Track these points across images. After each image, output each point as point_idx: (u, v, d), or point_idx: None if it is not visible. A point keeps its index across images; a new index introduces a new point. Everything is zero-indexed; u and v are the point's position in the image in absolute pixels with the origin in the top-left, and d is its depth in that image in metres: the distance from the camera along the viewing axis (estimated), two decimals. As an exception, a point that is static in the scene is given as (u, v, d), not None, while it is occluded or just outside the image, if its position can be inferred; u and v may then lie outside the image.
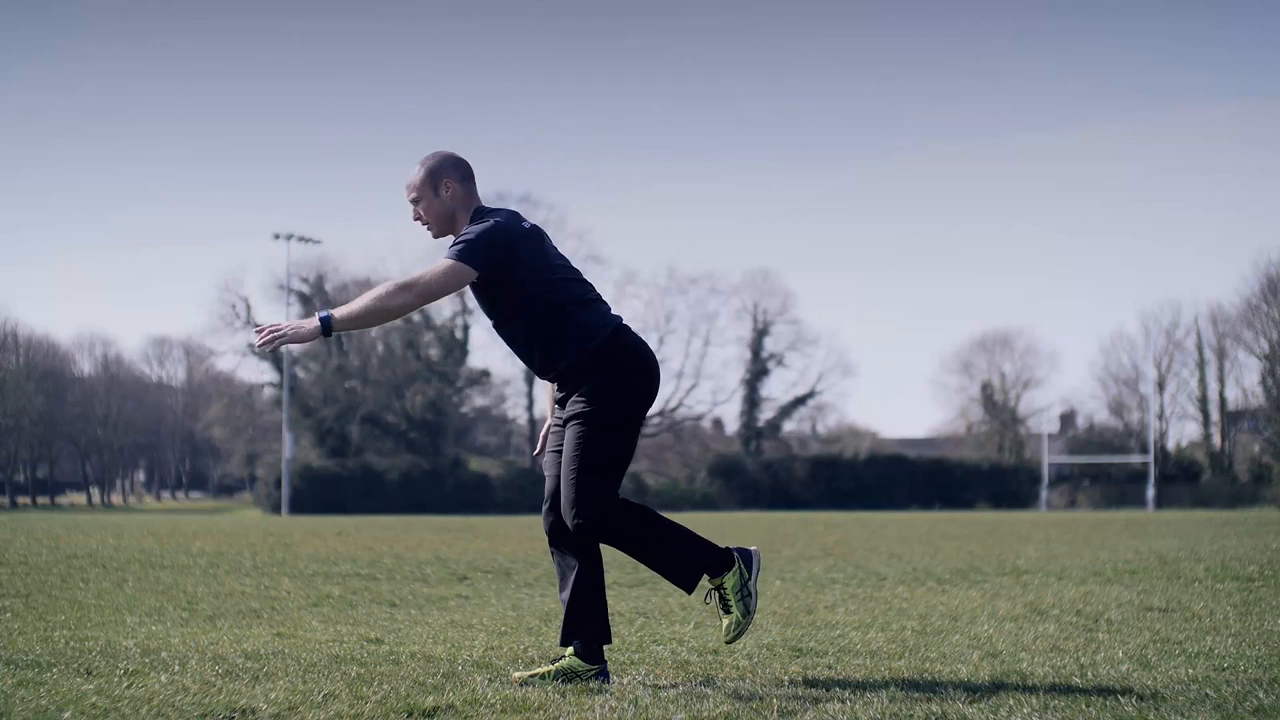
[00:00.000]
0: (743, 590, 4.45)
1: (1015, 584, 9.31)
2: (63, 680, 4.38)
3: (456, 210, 4.53)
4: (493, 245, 4.35)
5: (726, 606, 4.47)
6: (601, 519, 4.38)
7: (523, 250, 4.41)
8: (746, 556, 4.51)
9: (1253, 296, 58.15)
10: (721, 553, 4.47)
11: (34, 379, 60.40)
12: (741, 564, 4.47)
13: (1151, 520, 29.75)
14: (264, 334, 4.27)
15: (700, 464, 61.91)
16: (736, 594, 4.45)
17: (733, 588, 4.45)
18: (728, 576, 4.46)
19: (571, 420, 4.44)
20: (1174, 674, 4.62)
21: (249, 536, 18.52)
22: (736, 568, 4.46)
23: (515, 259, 4.39)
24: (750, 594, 4.45)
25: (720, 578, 4.47)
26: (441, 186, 4.52)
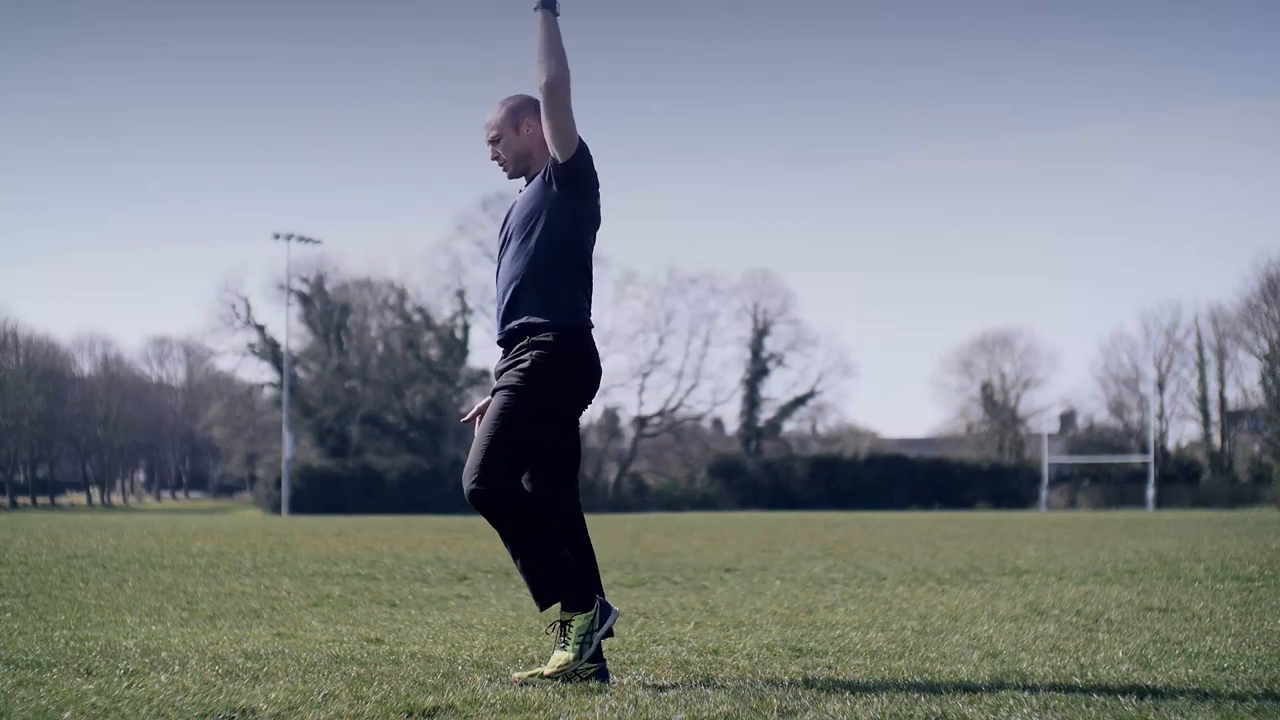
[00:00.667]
0: (587, 635, 4.44)
1: (1015, 584, 9.31)
2: (63, 680, 4.38)
3: (534, 150, 4.59)
4: (591, 162, 4.49)
5: (564, 643, 4.46)
6: (493, 492, 4.39)
7: (593, 197, 4.53)
8: (605, 611, 4.50)
9: (1253, 296, 58.21)
10: (586, 594, 4.47)
11: (34, 379, 60.42)
12: (599, 614, 4.47)
13: (1151, 520, 29.75)
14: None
15: (700, 464, 61.90)
16: (579, 634, 4.44)
17: (579, 628, 4.44)
18: (580, 616, 4.45)
19: (502, 390, 4.46)
20: (1174, 674, 4.62)
21: (249, 536, 18.52)
22: (593, 613, 4.46)
23: (588, 191, 4.50)
24: (590, 644, 4.43)
25: (573, 614, 4.46)
26: (523, 125, 4.59)
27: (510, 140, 4.60)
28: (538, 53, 4.38)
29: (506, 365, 4.53)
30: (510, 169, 4.64)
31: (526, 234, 4.51)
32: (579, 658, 4.42)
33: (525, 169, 4.62)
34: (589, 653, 4.43)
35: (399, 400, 59.46)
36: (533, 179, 4.58)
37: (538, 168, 4.57)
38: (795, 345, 63.93)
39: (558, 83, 4.35)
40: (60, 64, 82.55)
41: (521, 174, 4.64)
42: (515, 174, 4.65)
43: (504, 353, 4.57)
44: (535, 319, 4.45)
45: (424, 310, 61.37)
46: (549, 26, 4.39)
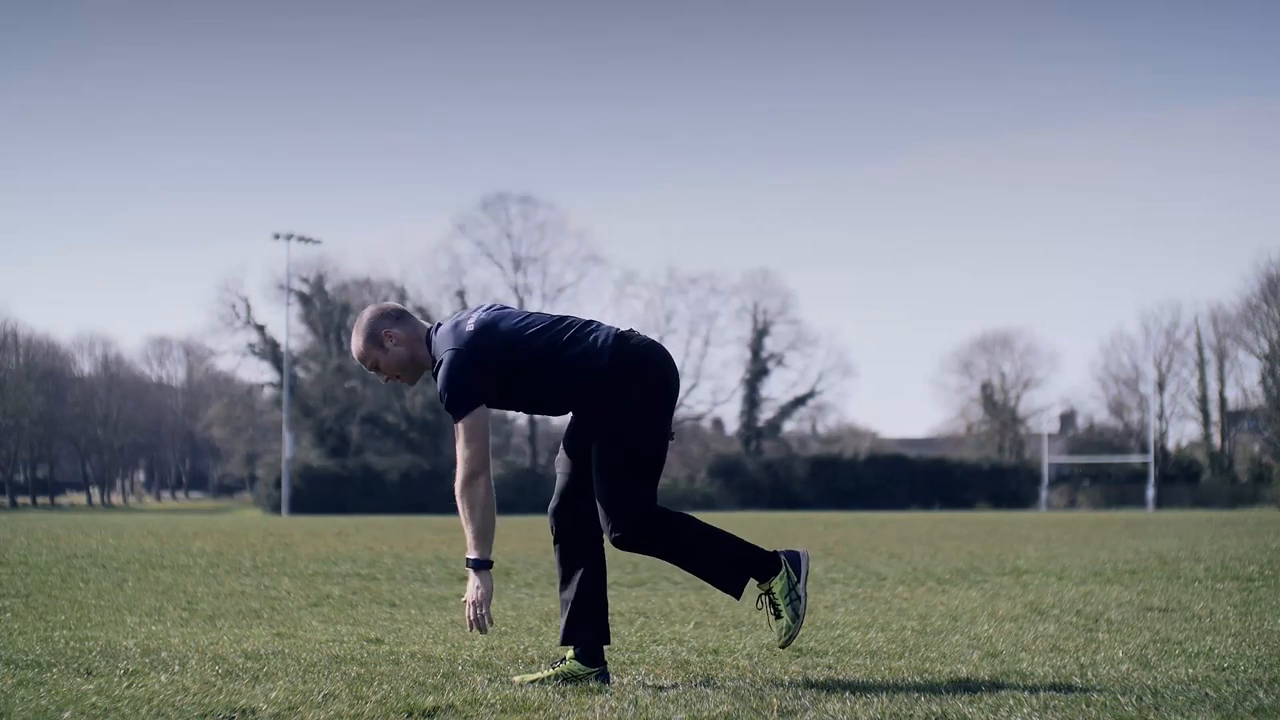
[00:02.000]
0: (791, 594, 4.39)
1: (1015, 584, 9.31)
2: (63, 680, 4.38)
3: (411, 351, 4.51)
4: (463, 380, 4.30)
5: (777, 611, 4.41)
6: (641, 531, 4.34)
7: (489, 357, 4.35)
8: (794, 559, 4.44)
9: (1253, 296, 58.16)
10: (768, 556, 4.42)
11: (34, 379, 60.40)
12: (789, 567, 4.41)
13: (1151, 520, 29.75)
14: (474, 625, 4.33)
15: (700, 464, 61.88)
16: (785, 598, 4.39)
17: (781, 592, 4.39)
18: (775, 581, 4.40)
19: (599, 433, 4.39)
20: (1174, 674, 4.62)
21: (249, 536, 18.52)
22: (784, 571, 4.40)
23: (489, 370, 4.35)
24: (799, 597, 4.39)
25: (768, 582, 4.41)
26: (385, 339, 4.50)
27: (385, 359, 4.51)
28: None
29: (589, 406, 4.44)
30: (407, 378, 4.57)
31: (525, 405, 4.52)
32: (797, 616, 4.39)
33: (418, 369, 4.54)
34: (804, 607, 4.40)
35: (399, 400, 59.45)
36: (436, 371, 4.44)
37: (430, 361, 4.47)
38: (795, 345, 63.96)
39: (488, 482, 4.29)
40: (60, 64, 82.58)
41: (418, 375, 4.56)
42: (414, 380, 4.59)
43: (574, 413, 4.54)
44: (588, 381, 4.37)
45: (424, 310, 61.28)
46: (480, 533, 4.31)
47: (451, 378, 4.29)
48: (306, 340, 61.29)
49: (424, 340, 4.51)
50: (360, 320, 4.56)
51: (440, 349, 4.39)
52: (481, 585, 4.29)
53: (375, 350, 4.50)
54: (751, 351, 63.61)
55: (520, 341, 4.38)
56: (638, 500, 4.35)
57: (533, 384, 4.41)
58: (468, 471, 4.28)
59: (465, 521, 4.31)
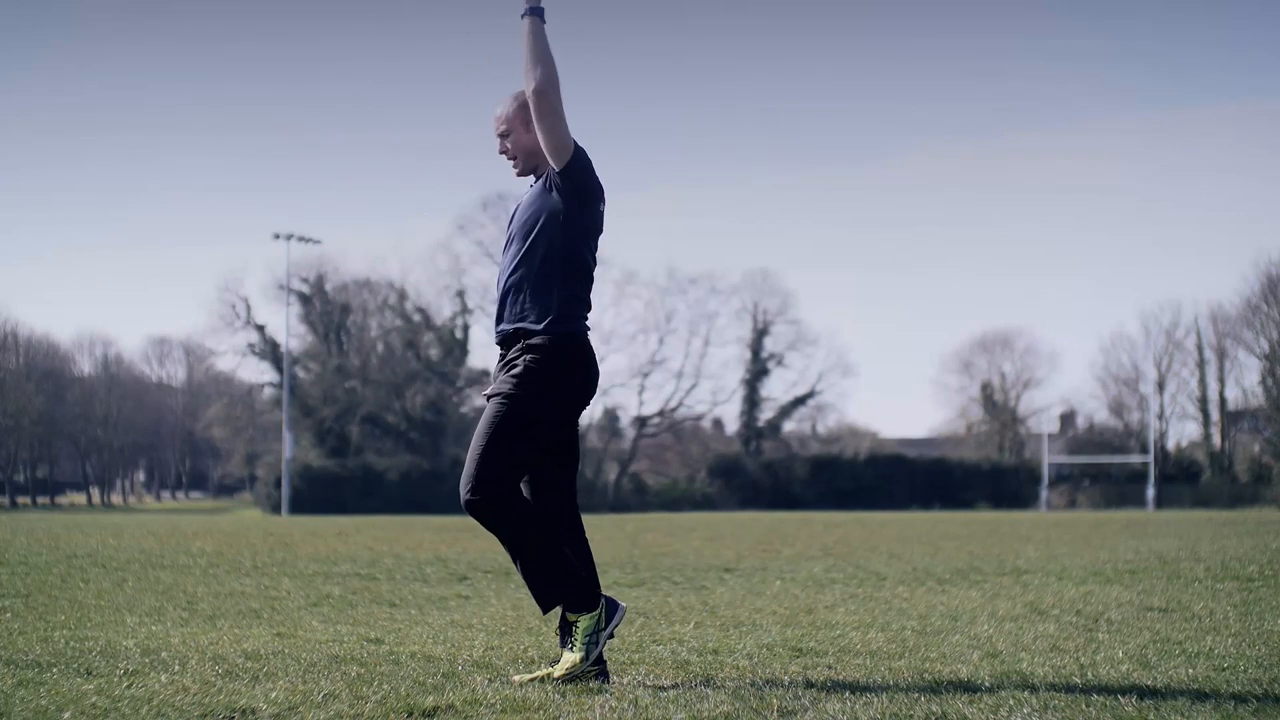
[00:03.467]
0: (593, 635, 4.43)
1: (1015, 584, 9.31)
2: (63, 680, 4.38)
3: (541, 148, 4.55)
4: (590, 170, 4.47)
5: (571, 644, 4.46)
6: (494, 499, 4.36)
7: (593, 205, 4.50)
8: (612, 608, 4.51)
9: (1253, 296, 58.20)
10: (591, 593, 4.46)
11: (34, 379, 60.41)
12: (604, 612, 4.47)
13: (1151, 520, 29.75)
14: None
15: (700, 464, 61.89)
16: (585, 636, 4.43)
17: (584, 629, 4.43)
18: (585, 617, 4.44)
19: (495, 396, 4.43)
20: (1174, 674, 4.62)
21: (249, 536, 18.52)
22: (598, 613, 4.45)
23: (587, 199, 4.48)
24: (596, 644, 4.43)
25: (578, 615, 4.45)
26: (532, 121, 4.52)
27: (520, 136, 4.56)
28: (526, 60, 4.37)
29: (500, 369, 4.52)
30: (520, 166, 4.60)
31: (525, 238, 4.50)
32: (586, 658, 4.41)
33: (534, 167, 4.58)
34: (595, 653, 4.42)
35: (399, 400, 59.46)
36: (539, 179, 4.55)
37: (545, 167, 4.53)
38: (795, 345, 63.99)
39: (546, 89, 4.33)
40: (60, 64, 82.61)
41: (530, 172, 4.60)
42: (524, 171, 4.61)
43: (500, 355, 4.56)
44: (529, 324, 4.44)
45: (424, 310, 61.37)
46: (536, 33, 4.38)
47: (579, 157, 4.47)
48: (306, 340, 61.32)
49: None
50: (521, 91, 4.56)
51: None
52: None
53: (519, 124, 4.55)
54: (751, 351, 63.61)
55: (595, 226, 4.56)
56: (498, 469, 4.35)
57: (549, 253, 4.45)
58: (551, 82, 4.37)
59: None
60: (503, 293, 4.53)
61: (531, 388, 4.39)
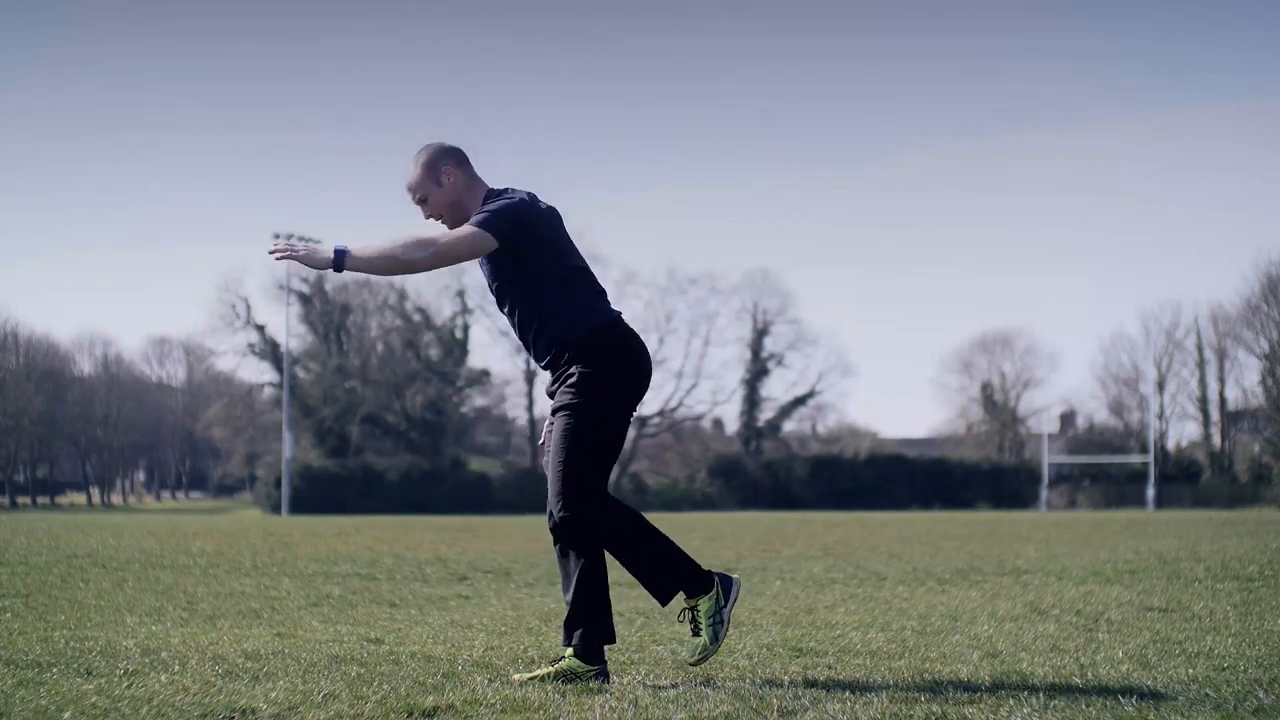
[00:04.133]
0: (715, 616, 4.43)
1: (1015, 584, 9.31)
2: (63, 680, 4.38)
3: (463, 196, 4.53)
4: (517, 218, 4.37)
5: (697, 629, 4.46)
6: (586, 514, 4.36)
7: (542, 228, 4.44)
8: (727, 584, 4.49)
9: (1253, 296, 58.20)
10: (703, 575, 4.46)
11: (34, 379, 60.39)
12: (720, 590, 4.46)
13: (1151, 520, 29.75)
14: (280, 248, 4.30)
15: (700, 464, 61.88)
16: (709, 619, 4.43)
17: (706, 612, 4.44)
18: (704, 600, 4.44)
19: (559, 411, 4.42)
20: (1174, 674, 4.62)
21: (249, 536, 18.52)
22: (714, 593, 4.45)
23: (535, 235, 4.41)
24: (722, 622, 4.44)
25: (696, 599, 4.45)
26: (442, 176, 4.53)
27: (436, 196, 4.52)
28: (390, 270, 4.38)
29: (555, 384, 4.48)
30: (448, 221, 4.55)
31: (506, 296, 4.51)
32: (716, 639, 4.41)
33: (462, 216, 4.52)
34: (724, 632, 4.43)
35: (399, 400, 59.45)
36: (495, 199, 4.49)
37: (476, 210, 4.48)
38: (795, 345, 64.01)
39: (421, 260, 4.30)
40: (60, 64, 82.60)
41: (461, 223, 4.51)
42: (455, 225, 4.54)
43: (551, 374, 4.53)
44: (565, 334, 4.41)
45: (424, 310, 61.38)
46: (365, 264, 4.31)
47: (504, 206, 4.39)
48: (306, 340, 61.32)
49: (481, 191, 4.53)
50: (423, 150, 4.56)
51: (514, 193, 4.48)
52: (320, 256, 4.30)
53: (430, 183, 4.53)
54: (751, 351, 63.61)
55: (564, 253, 4.46)
56: (585, 483, 4.36)
57: (537, 287, 4.43)
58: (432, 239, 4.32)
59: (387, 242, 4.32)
60: (525, 332, 4.53)
61: (592, 389, 4.37)
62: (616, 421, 4.43)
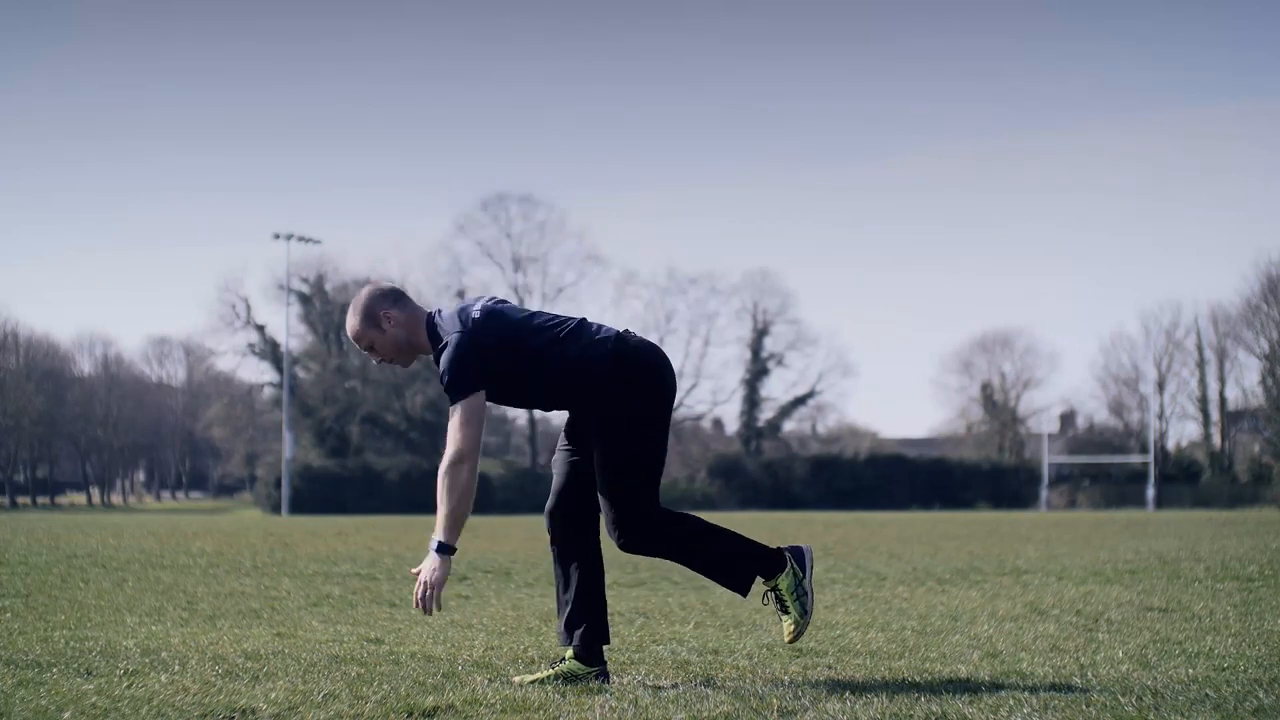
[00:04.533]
0: (798, 590, 4.42)
1: (1015, 584, 9.31)
2: (63, 680, 4.38)
3: (409, 334, 4.47)
4: (466, 365, 4.28)
5: (784, 607, 4.44)
6: (647, 533, 4.36)
7: (493, 345, 4.34)
8: (799, 555, 4.45)
9: (1253, 296, 58.17)
10: (773, 554, 4.44)
11: (34, 379, 60.39)
12: (794, 563, 4.43)
13: (1151, 520, 29.74)
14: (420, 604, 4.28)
15: (700, 464, 61.87)
16: (792, 594, 4.42)
17: (788, 588, 4.42)
18: (781, 578, 4.42)
19: (599, 436, 4.38)
20: (1174, 674, 4.62)
21: (249, 536, 18.52)
22: (790, 567, 4.43)
23: (491, 358, 4.33)
24: (806, 592, 4.42)
25: (774, 579, 4.43)
26: (382, 321, 4.45)
27: (381, 341, 4.47)
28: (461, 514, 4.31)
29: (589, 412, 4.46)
30: (402, 362, 4.53)
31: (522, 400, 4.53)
32: (805, 612, 4.41)
33: (413, 353, 4.51)
34: (811, 602, 4.43)
35: (399, 400, 59.44)
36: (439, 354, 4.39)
37: (429, 345, 4.44)
38: (795, 345, 63.99)
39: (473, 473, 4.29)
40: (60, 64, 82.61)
41: (412, 359, 4.52)
42: (408, 364, 4.56)
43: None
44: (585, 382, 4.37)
45: (424, 310, 61.31)
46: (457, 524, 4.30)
47: (454, 360, 4.28)
48: (306, 340, 61.31)
49: (423, 323, 4.47)
50: (357, 300, 4.50)
51: (445, 332, 4.37)
52: (439, 569, 4.27)
53: (372, 331, 4.46)
54: (751, 351, 63.61)
55: (524, 333, 4.38)
56: (640, 503, 4.35)
57: (533, 378, 4.41)
58: (455, 454, 4.26)
59: (441, 502, 4.27)
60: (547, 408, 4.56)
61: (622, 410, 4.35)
62: (655, 434, 4.41)
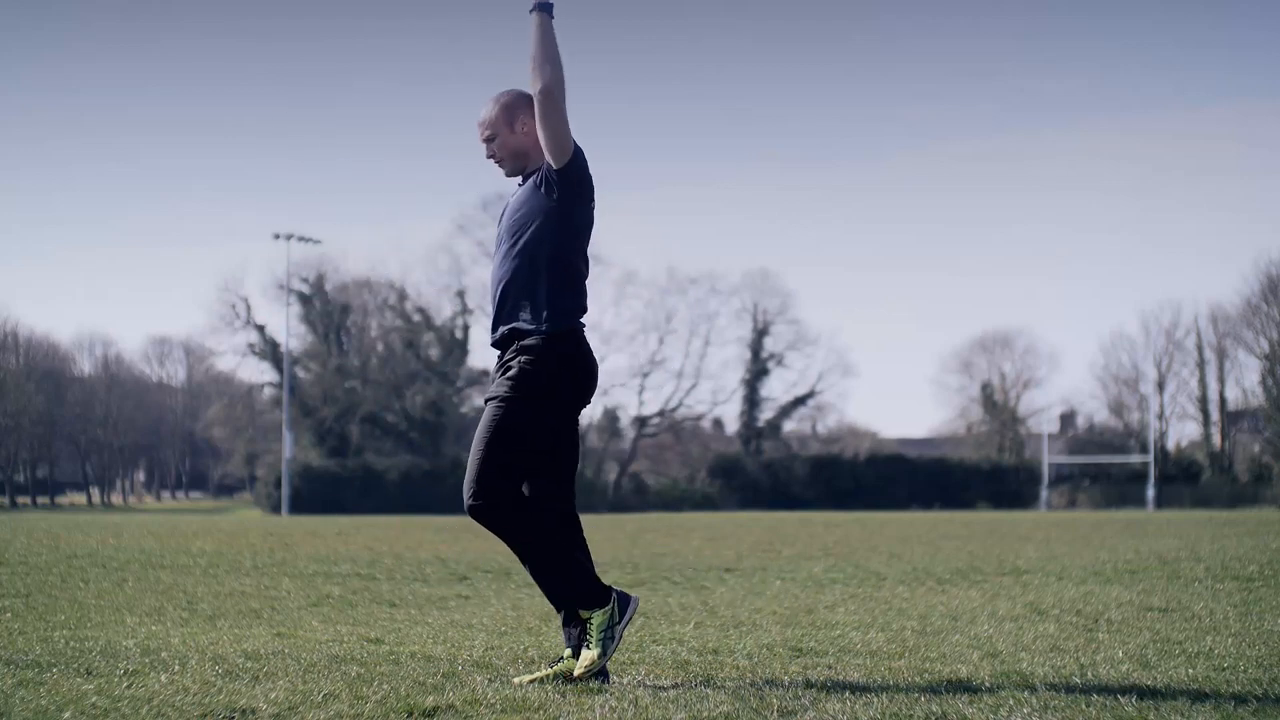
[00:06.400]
0: (607, 632, 4.43)
1: (1015, 584, 9.31)
2: (63, 680, 4.38)
3: (530, 148, 4.53)
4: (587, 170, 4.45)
5: (588, 642, 4.46)
6: (495, 502, 4.36)
7: (586, 203, 4.48)
8: (624, 601, 4.49)
9: (1253, 296, 58.20)
10: (601, 589, 4.46)
11: (34, 379, 60.39)
12: (616, 606, 4.46)
13: (1151, 520, 29.74)
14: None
15: (700, 464, 61.88)
16: (600, 632, 4.43)
17: (598, 625, 4.43)
18: (598, 613, 4.44)
19: (492, 400, 4.42)
20: (1174, 674, 4.62)
21: (249, 536, 18.52)
22: (610, 608, 4.44)
23: (581, 198, 4.45)
24: (613, 638, 4.43)
25: (590, 612, 4.45)
26: (518, 123, 4.52)
27: (506, 138, 4.54)
28: (533, 57, 4.34)
29: (497, 372, 4.51)
30: (507, 167, 4.59)
31: (516, 238, 4.48)
32: (604, 654, 4.41)
33: (522, 167, 4.57)
34: (614, 647, 4.43)
35: (399, 400, 59.43)
36: (529, 178, 4.54)
37: (535, 165, 4.52)
38: (795, 345, 64.00)
39: (553, 88, 4.31)
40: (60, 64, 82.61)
41: (519, 173, 4.59)
42: (513, 172, 4.61)
43: (498, 357, 4.55)
44: (523, 324, 4.42)
45: (424, 310, 61.37)
46: (544, 30, 4.35)
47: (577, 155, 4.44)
48: (306, 340, 61.33)
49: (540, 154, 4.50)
50: (505, 94, 4.56)
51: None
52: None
53: (504, 126, 4.54)
54: (751, 351, 63.61)
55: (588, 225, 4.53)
56: (499, 473, 4.36)
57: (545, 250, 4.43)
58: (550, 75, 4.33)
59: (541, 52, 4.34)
60: (496, 294, 4.52)
61: (528, 389, 4.37)
62: (543, 427, 4.41)
